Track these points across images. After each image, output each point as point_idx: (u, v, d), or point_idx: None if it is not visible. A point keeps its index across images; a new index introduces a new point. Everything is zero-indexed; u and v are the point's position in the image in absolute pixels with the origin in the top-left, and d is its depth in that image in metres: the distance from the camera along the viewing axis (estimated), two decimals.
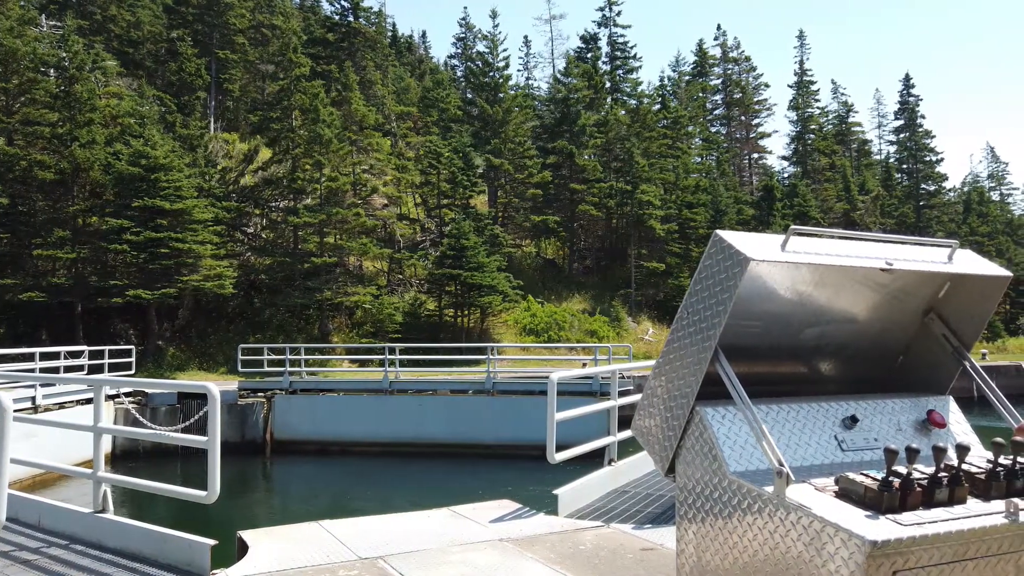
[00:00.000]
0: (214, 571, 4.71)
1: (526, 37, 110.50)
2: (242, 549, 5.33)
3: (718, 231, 2.40)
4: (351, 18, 45.86)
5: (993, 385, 2.53)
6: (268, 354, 22.69)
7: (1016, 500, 2.04)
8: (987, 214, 61.45)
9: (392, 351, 22.00)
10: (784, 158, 65.02)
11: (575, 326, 37.26)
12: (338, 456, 19.97)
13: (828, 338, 2.74)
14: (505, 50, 62.94)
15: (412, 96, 51.61)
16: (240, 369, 22.75)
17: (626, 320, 39.81)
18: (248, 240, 35.04)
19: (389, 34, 64.04)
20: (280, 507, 14.39)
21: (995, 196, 71.22)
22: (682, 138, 51.76)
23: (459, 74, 62.24)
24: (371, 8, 53.74)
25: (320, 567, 4.83)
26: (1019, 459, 2.20)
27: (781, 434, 2.34)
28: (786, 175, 60.78)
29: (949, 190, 64.92)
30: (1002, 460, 2.18)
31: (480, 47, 54.75)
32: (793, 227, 2.32)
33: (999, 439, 2.25)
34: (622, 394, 8.51)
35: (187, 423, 9.44)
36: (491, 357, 22.10)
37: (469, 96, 52.82)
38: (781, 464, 2.05)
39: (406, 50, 69.23)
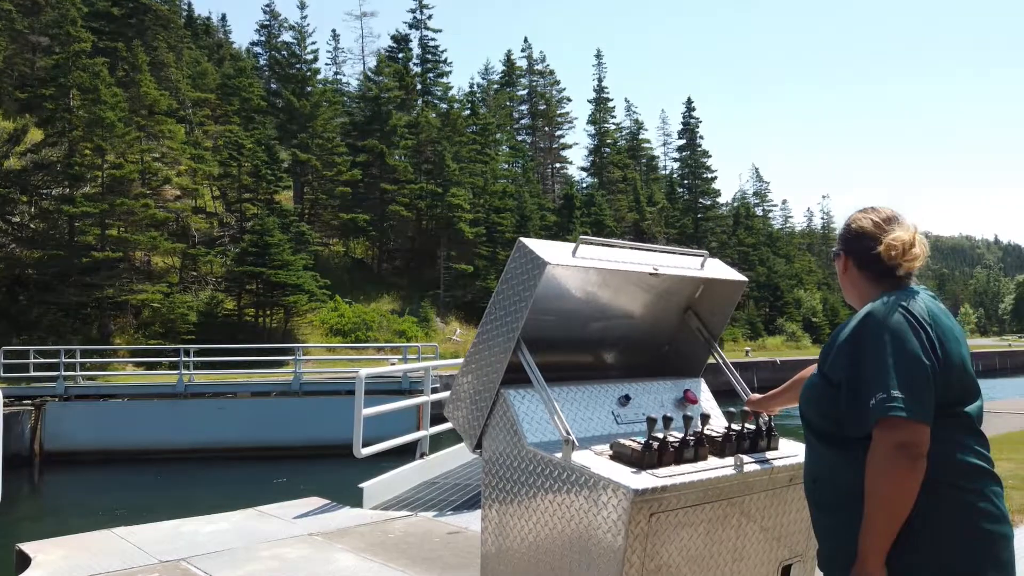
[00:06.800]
0: None
1: (334, 31, 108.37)
2: (23, 562, 4.93)
3: (521, 239, 2.80)
4: None
5: (732, 368, 3.17)
6: (37, 357, 20.44)
7: (743, 456, 2.62)
8: (752, 227, 69.64)
9: (187, 353, 20.81)
10: (583, 169, 69.28)
11: (384, 326, 37.17)
12: (124, 465, 18.44)
13: (610, 331, 3.25)
14: (314, 42, 61.20)
15: (210, 82, 48.44)
16: (2, 374, 20.27)
17: (435, 321, 40.36)
18: (13, 230, 31.10)
19: (184, 14, 59.66)
20: (57, 521, 13.07)
21: (759, 211, 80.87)
22: (490, 144, 53.40)
23: (262, 63, 59.38)
24: None
25: (116, 573, 4.63)
26: (746, 425, 2.81)
27: (569, 411, 2.79)
28: (584, 185, 64.74)
29: (722, 205, 72.72)
30: (734, 426, 2.78)
31: (286, 37, 52.71)
32: (582, 236, 2.78)
33: (732, 409, 2.88)
34: (432, 391, 8.80)
35: None
36: (298, 358, 21.64)
37: (274, 87, 50.66)
38: (568, 433, 2.48)
39: (203, 33, 64.82)
